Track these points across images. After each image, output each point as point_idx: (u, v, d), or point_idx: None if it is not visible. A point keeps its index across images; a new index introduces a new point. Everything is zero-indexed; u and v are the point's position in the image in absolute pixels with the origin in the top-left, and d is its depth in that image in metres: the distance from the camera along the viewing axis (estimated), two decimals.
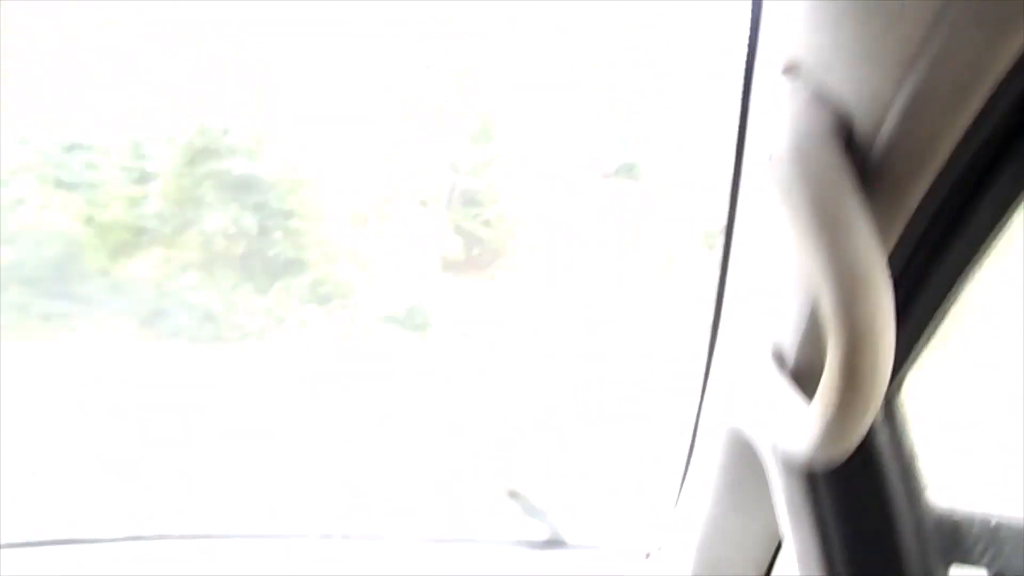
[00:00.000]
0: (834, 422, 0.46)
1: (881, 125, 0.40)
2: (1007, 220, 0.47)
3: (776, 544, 0.98)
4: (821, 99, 0.44)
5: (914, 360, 0.61)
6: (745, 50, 0.56)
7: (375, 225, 7.21)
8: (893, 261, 0.46)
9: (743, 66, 0.56)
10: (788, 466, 0.68)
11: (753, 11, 0.53)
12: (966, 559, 0.71)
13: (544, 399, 5.14)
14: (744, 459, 0.80)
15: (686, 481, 1.06)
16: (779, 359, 0.60)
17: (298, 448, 4.24)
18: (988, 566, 0.70)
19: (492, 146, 7.51)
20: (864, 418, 0.45)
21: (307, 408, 4.94)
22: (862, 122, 0.42)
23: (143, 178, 5.91)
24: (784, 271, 0.60)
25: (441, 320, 6.69)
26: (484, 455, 3.86)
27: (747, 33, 0.54)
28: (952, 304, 0.55)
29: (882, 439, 0.64)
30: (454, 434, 4.41)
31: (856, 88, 0.42)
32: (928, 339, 0.58)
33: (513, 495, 1.45)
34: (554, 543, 1.43)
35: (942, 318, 0.56)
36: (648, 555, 1.29)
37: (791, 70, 0.47)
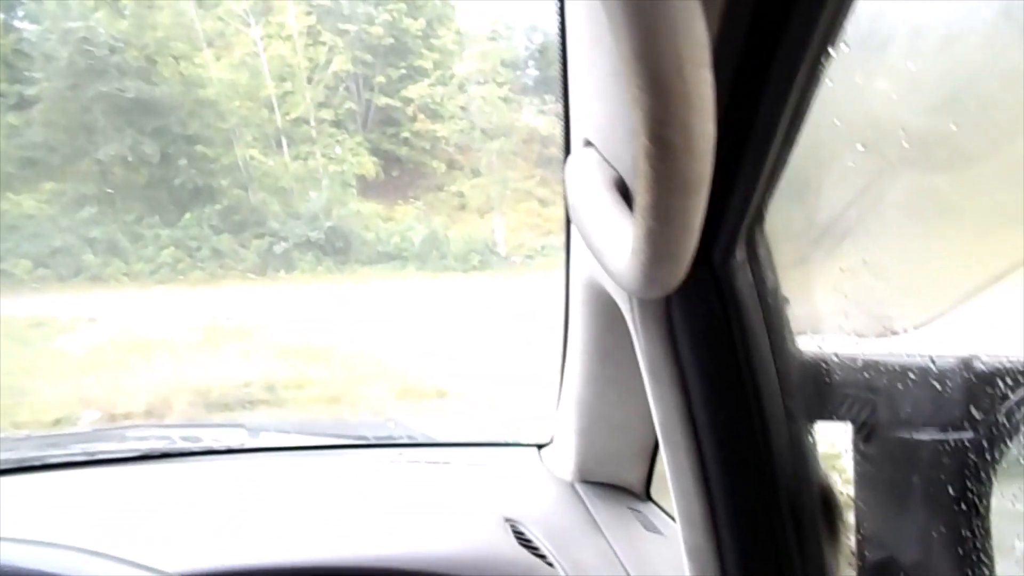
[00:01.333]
0: (651, 246, 0.40)
1: None
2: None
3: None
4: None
5: (770, 196, 0.55)
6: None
7: (288, 148, 6.90)
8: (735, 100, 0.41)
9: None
10: (643, 314, 0.64)
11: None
12: (832, 413, 0.69)
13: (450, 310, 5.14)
14: (607, 316, 0.76)
15: (566, 363, 1.02)
16: (616, 191, 0.54)
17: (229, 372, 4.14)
18: (854, 418, 0.68)
19: (408, 62, 7.20)
20: (682, 240, 0.40)
21: (232, 341, 4.80)
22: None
23: (22, 104, 5.44)
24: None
25: (361, 243, 6.54)
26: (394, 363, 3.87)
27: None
28: (797, 133, 0.50)
29: (741, 281, 0.59)
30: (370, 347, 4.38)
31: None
32: (781, 172, 0.53)
33: (415, 398, 1.40)
34: (454, 442, 1.41)
35: (790, 148, 0.50)
36: (540, 448, 1.28)
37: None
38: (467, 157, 7.18)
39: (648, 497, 1.17)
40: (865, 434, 0.66)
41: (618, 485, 1.16)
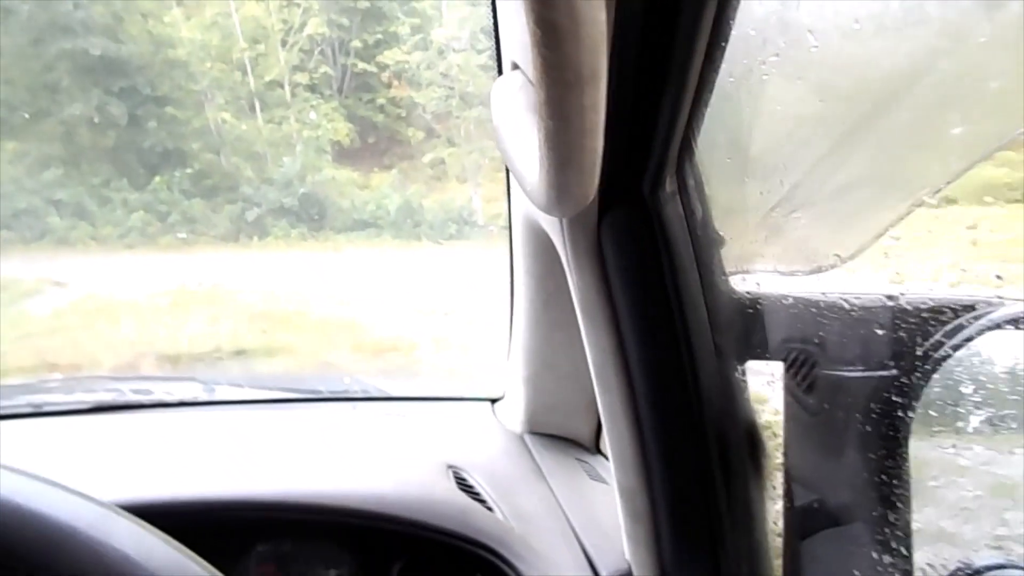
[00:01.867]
0: (552, 150, 0.39)
1: None
2: None
3: None
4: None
5: (696, 125, 0.54)
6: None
7: (261, 112, 6.77)
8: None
9: None
10: (575, 249, 0.63)
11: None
12: (762, 350, 0.69)
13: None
14: (547, 257, 0.75)
15: (513, 310, 1.02)
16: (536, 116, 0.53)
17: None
18: (783, 356, 0.68)
19: (385, 27, 7.07)
20: (582, 142, 0.39)
21: (202, 306, 4.73)
22: None
23: None
24: None
25: (336, 210, 6.47)
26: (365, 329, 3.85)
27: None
28: (719, 58, 0.48)
29: (671, 213, 0.59)
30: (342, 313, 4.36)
31: None
32: (705, 99, 0.52)
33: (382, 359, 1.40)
34: (408, 396, 1.41)
35: (713, 74, 0.49)
36: (494, 402, 1.28)
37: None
38: (444, 125, 7.09)
39: (598, 450, 1.18)
40: (793, 372, 0.66)
41: (568, 438, 1.16)
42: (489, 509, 0.88)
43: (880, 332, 0.62)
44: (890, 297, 0.61)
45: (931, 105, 0.43)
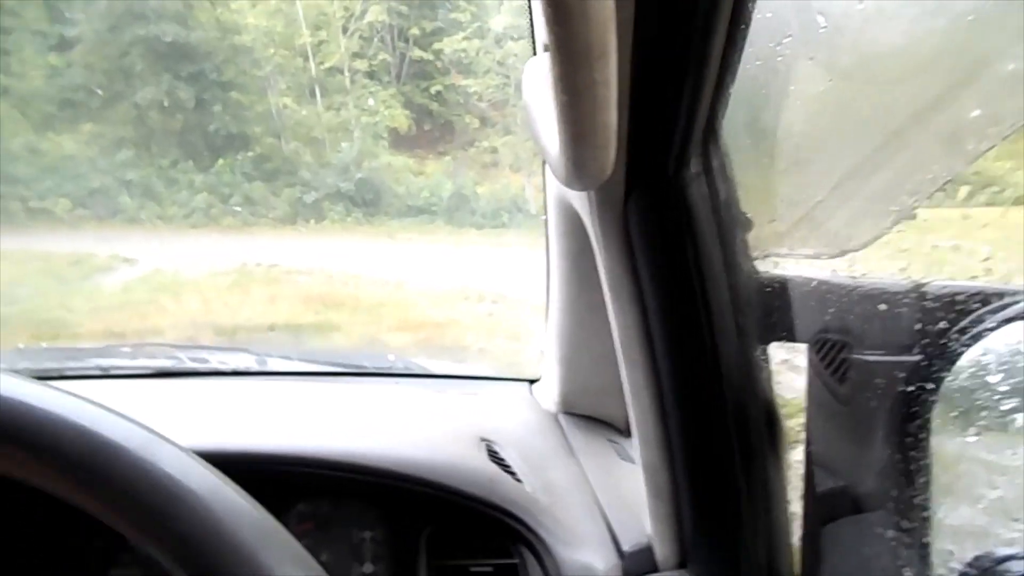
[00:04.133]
0: (568, 125, 0.41)
1: None
2: None
3: None
4: None
5: (721, 107, 0.56)
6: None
7: (321, 98, 6.91)
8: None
9: None
10: (603, 227, 0.65)
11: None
12: (785, 332, 0.70)
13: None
14: (581, 238, 0.77)
15: (549, 293, 1.04)
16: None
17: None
18: (807, 338, 0.69)
19: (444, 15, 7.11)
20: (595, 117, 0.41)
21: (260, 286, 4.89)
22: None
23: (63, 45, 5.53)
24: None
25: (391, 196, 6.57)
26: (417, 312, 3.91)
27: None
28: (742, 38, 0.50)
29: (695, 193, 0.60)
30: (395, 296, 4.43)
31: None
32: (729, 79, 0.53)
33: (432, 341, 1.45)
34: (449, 374, 1.45)
35: (736, 54, 0.50)
36: (532, 383, 1.31)
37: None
38: (500, 113, 7.12)
39: (630, 433, 1.20)
40: (816, 354, 0.67)
41: (601, 419, 1.18)
42: (519, 481, 0.91)
43: (905, 317, 0.62)
44: (916, 283, 0.61)
45: (947, 87, 0.43)
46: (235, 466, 0.76)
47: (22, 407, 0.37)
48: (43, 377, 1.32)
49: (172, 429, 0.96)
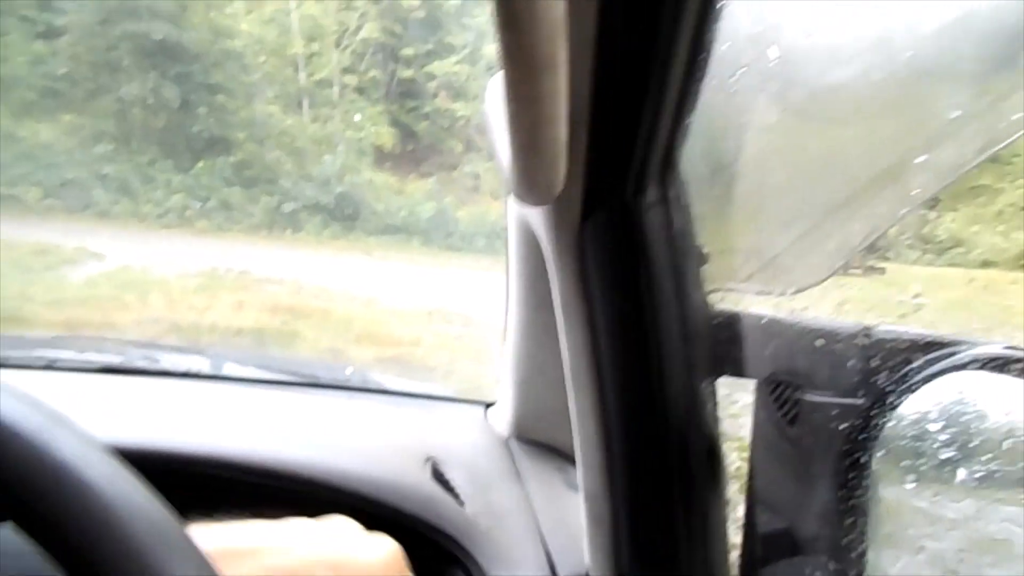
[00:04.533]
0: (518, 135, 0.41)
1: None
2: None
3: None
4: None
5: (680, 134, 0.56)
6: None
7: (308, 109, 6.92)
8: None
9: None
10: (559, 249, 0.64)
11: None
12: (736, 369, 0.70)
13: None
14: (539, 258, 0.76)
15: (508, 314, 1.03)
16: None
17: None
18: (758, 374, 0.68)
19: (438, 37, 7.19)
20: (545, 130, 0.40)
21: (229, 292, 4.83)
22: None
23: (50, 33, 5.48)
24: None
25: (370, 212, 6.55)
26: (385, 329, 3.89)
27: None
28: (701, 65, 0.50)
29: (651, 221, 0.60)
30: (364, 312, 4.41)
31: None
32: (689, 107, 0.53)
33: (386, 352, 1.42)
34: (404, 391, 1.42)
35: (695, 81, 0.51)
36: (488, 406, 1.29)
37: None
38: (485, 139, 7.16)
39: None
40: (763, 391, 0.67)
41: (554, 447, 1.17)
42: (460, 503, 0.89)
43: (850, 360, 0.62)
44: (864, 327, 0.61)
45: (894, 133, 0.44)
46: (158, 465, 0.73)
47: None
48: None
49: (106, 425, 0.93)
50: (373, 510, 0.80)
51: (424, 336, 4.28)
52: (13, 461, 0.33)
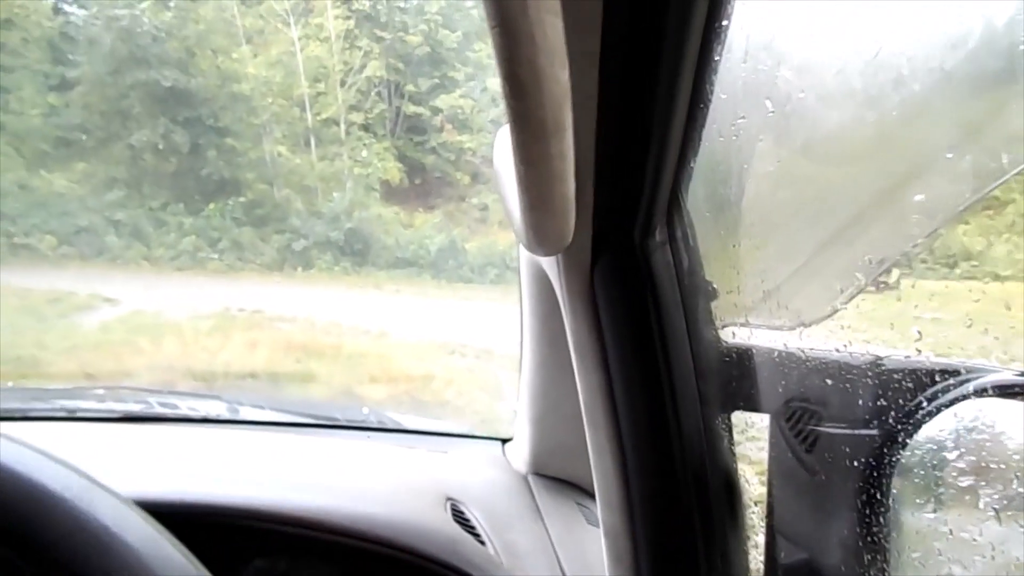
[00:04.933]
0: (526, 193, 0.42)
1: None
2: None
3: None
4: None
5: (685, 177, 0.57)
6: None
7: (316, 147, 7.00)
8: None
9: None
10: (570, 292, 0.66)
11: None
12: (750, 403, 0.70)
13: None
14: (552, 298, 0.77)
15: (523, 352, 1.04)
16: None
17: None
18: (772, 407, 0.69)
19: (442, 72, 7.29)
20: (553, 188, 0.42)
21: (242, 331, 4.85)
22: None
23: (63, 85, 5.61)
24: None
25: (380, 247, 6.60)
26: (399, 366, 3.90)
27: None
28: (703, 111, 0.52)
29: (659, 261, 0.61)
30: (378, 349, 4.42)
31: None
32: (693, 150, 0.55)
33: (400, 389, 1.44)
34: (422, 430, 1.43)
35: (698, 126, 0.52)
36: (505, 442, 1.30)
37: None
38: (492, 171, 7.20)
39: None
40: (778, 424, 0.67)
41: (572, 482, 1.17)
42: (481, 543, 0.90)
43: (864, 390, 0.63)
44: (876, 357, 0.62)
45: (889, 171, 0.45)
46: (191, 517, 0.74)
47: None
48: (5, 418, 1.30)
49: (132, 476, 0.95)
50: (396, 555, 0.80)
51: (436, 370, 4.28)
52: (57, 525, 0.35)
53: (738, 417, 0.68)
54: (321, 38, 7.02)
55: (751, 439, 0.69)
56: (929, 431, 0.62)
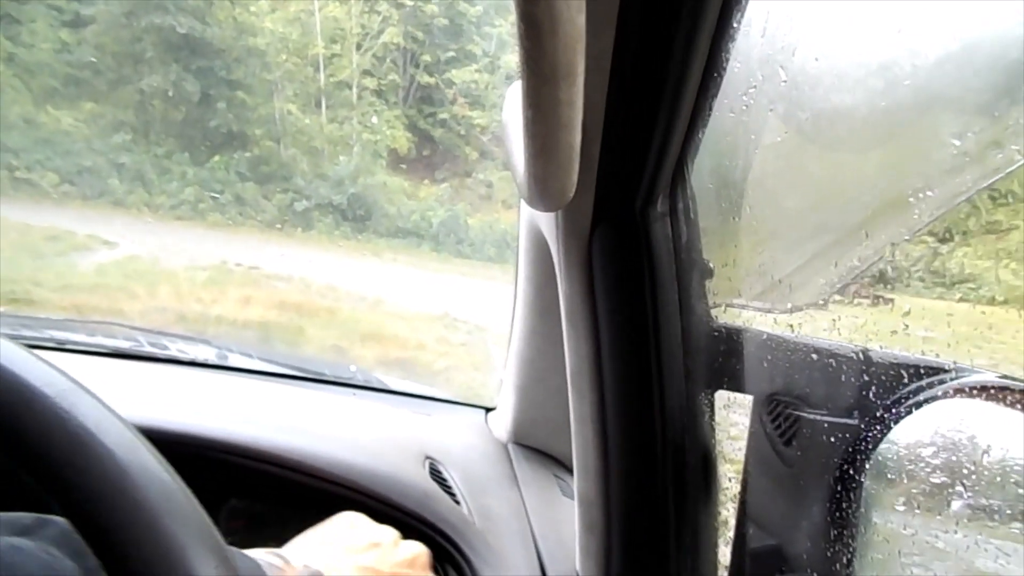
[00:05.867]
0: (532, 141, 0.42)
1: None
2: None
3: None
4: None
5: (691, 151, 0.57)
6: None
7: (326, 109, 6.96)
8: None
9: None
10: (567, 257, 0.66)
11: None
12: (735, 383, 0.71)
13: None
14: (547, 267, 0.77)
15: (514, 320, 1.05)
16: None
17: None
18: (756, 389, 0.69)
19: (459, 45, 7.23)
20: (559, 136, 0.42)
21: (237, 286, 4.85)
22: None
23: (77, 22, 5.55)
24: None
25: (382, 215, 6.58)
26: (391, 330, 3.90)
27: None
28: (715, 85, 0.51)
29: (658, 233, 0.61)
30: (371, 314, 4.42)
31: None
32: (701, 123, 0.55)
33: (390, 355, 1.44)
34: (407, 392, 1.44)
35: (709, 98, 0.52)
36: (488, 411, 1.31)
37: None
38: (500, 149, 7.17)
39: None
40: (759, 407, 0.68)
41: (551, 454, 1.18)
42: (456, 503, 0.90)
43: (847, 380, 0.63)
44: (862, 348, 0.62)
45: (896, 159, 0.45)
46: (170, 446, 0.75)
47: None
48: None
49: (116, 405, 0.95)
50: (371, 503, 0.81)
51: (428, 341, 4.29)
52: (37, 422, 0.35)
53: (721, 396, 0.69)
54: None
55: (732, 418, 0.69)
56: (908, 426, 0.63)
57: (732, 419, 0.69)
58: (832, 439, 0.63)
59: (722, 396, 0.69)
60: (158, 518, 0.37)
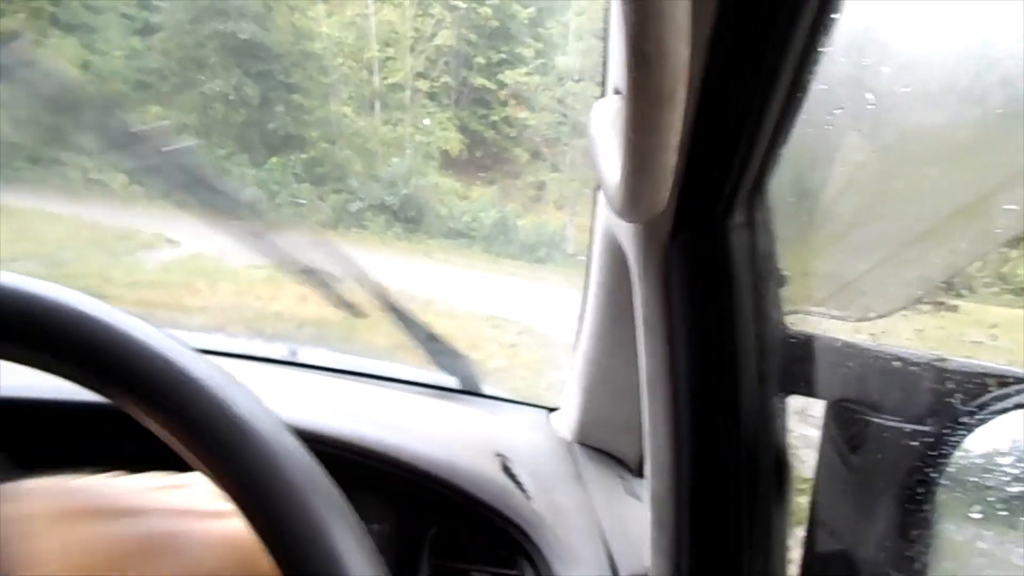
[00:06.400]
0: (631, 159, 0.45)
1: None
2: None
3: None
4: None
5: (772, 162, 0.59)
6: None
7: (380, 111, 7.09)
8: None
9: None
10: (645, 264, 0.68)
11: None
12: (808, 389, 0.72)
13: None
14: (621, 272, 0.80)
15: (583, 322, 1.07)
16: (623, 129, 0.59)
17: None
18: (829, 395, 0.71)
19: (511, 47, 7.28)
20: (657, 155, 0.45)
21: (294, 284, 4.98)
22: None
23: (146, 30, 5.78)
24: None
25: (434, 216, 6.67)
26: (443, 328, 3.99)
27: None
28: (799, 100, 0.53)
29: (736, 243, 0.63)
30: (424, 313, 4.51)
31: None
32: (783, 137, 0.57)
33: (431, 340, 1.47)
34: (475, 391, 1.47)
35: (792, 114, 0.54)
36: (551, 412, 1.33)
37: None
38: (551, 150, 7.21)
39: (641, 475, 1.21)
40: (833, 413, 0.69)
41: (614, 455, 1.20)
42: (528, 498, 0.94)
43: (922, 387, 0.64)
44: (937, 356, 0.64)
45: (979, 174, 0.46)
46: None
47: (123, 339, 0.43)
48: None
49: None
50: (450, 495, 0.85)
51: (479, 341, 4.34)
52: (203, 411, 0.40)
53: (794, 401, 0.70)
54: (395, 3, 7.06)
55: (805, 424, 0.71)
56: (984, 435, 0.63)
57: (804, 424, 0.71)
58: (906, 445, 0.64)
59: (794, 401, 0.70)
60: (306, 495, 0.41)
